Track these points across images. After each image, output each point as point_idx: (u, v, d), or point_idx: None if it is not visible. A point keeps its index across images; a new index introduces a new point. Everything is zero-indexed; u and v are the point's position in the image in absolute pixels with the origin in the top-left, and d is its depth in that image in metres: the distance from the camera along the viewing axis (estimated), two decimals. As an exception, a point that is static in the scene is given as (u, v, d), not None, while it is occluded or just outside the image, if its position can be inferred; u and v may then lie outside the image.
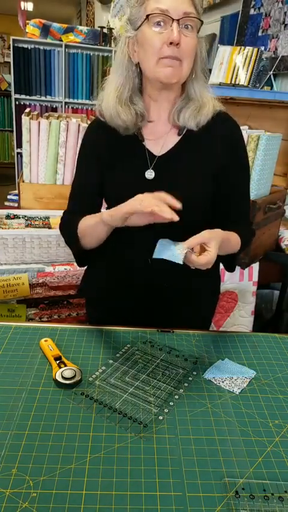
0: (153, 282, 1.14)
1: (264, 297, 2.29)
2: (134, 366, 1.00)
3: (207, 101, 1.07)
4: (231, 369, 1.02)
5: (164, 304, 1.17)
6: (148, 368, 0.99)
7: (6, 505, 0.68)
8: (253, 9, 3.05)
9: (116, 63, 1.07)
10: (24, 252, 1.76)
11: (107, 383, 0.94)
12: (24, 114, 2.07)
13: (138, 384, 0.94)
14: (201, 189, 1.09)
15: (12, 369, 0.97)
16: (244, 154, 1.14)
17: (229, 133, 1.10)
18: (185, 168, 1.08)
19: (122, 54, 1.04)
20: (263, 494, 0.72)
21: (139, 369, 0.99)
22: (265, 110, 2.14)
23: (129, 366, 0.99)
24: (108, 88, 1.08)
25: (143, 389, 0.93)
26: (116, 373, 0.97)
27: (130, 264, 1.15)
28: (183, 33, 0.96)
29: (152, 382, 0.95)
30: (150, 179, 1.08)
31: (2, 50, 8.65)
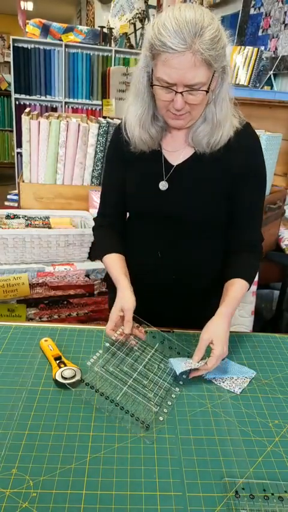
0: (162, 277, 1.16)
1: (264, 297, 2.29)
2: (130, 354, 1.01)
3: (224, 123, 1.04)
4: (231, 369, 1.02)
5: (173, 304, 1.18)
6: (144, 358, 1.01)
7: (6, 505, 0.68)
8: (253, 9, 3.05)
9: (134, 92, 1.05)
10: (24, 252, 1.76)
11: (106, 370, 0.95)
12: (24, 114, 2.07)
13: (136, 376, 0.95)
14: (212, 204, 1.10)
15: (12, 369, 0.97)
16: (259, 170, 1.12)
17: (245, 149, 1.08)
18: (198, 182, 1.09)
19: (139, 85, 1.03)
20: (263, 494, 0.72)
21: (135, 357, 1.01)
22: (265, 109, 2.14)
23: (126, 353, 1.01)
24: (130, 115, 1.08)
25: (141, 383, 0.94)
26: (113, 360, 0.98)
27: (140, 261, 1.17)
28: (189, 94, 0.94)
29: (149, 375, 0.97)
30: (164, 190, 1.10)
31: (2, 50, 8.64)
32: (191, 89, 0.93)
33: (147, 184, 1.11)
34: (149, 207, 1.12)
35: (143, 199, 1.13)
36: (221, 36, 0.92)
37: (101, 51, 4.64)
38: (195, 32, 0.87)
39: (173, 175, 1.10)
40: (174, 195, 1.09)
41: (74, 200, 2.09)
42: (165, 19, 0.90)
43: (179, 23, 0.88)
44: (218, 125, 1.03)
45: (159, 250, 1.15)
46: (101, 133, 2.03)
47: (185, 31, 0.87)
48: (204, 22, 0.89)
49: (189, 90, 0.93)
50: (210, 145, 1.05)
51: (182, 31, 0.87)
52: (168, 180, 1.10)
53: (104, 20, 7.15)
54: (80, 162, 2.06)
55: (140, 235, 1.19)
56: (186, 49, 0.87)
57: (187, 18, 0.88)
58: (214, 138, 1.04)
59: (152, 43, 0.91)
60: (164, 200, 1.10)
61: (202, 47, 0.88)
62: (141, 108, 1.05)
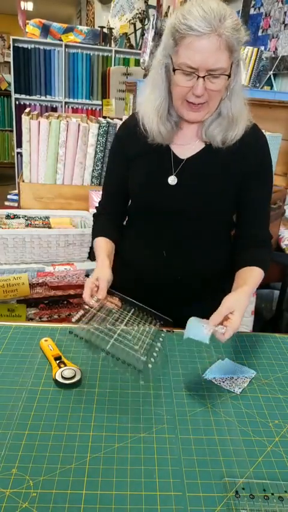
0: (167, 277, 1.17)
1: (264, 297, 2.29)
2: (110, 315, 1.05)
3: (240, 119, 1.06)
4: (231, 368, 1.02)
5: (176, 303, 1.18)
6: (123, 319, 1.06)
7: (6, 505, 0.68)
8: (253, 9, 3.05)
9: (152, 83, 1.07)
10: (24, 252, 1.76)
11: (91, 325, 0.99)
12: (24, 114, 2.07)
13: (119, 332, 1.00)
14: (221, 199, 1.10)
15: (12, 369, 0.97)
16: (267, 169, 1.14)
17: (257, 146, 1.11)
18: (207, 176, 1.10)
19: (157, 76, 1.05)
20: (263, 494, 0.72)
21: (115, 318, 1.05)
22: (265, 110, 2.15)
23: (106, 314, 1.05)
24: (147, 106, 1.09)
25: (126, 338, 0.98)
26: (95, 318, 1.02)
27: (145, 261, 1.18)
28: (210, 82, 0.96)
29: (131, 332, 1.01)
30: (173, 185, 1.10)
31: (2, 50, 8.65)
32: (212, 74, 0.94)
33: (156, 179, 1.12)
34: (158, 202, 1.12)
35: (152, 194, 1.13)
36: (241, 28, 0.96)
37: (101, 51, 4.64)
38: (219, 17, 0.92)
39: (182, 169, 1.10)
40: (183, 189, 1.10)
41: (74, 200, 2.09)
42: (189, 7, 0.94)
43: (204, 10, 0.92)
44: (233, 120, 1.05)
45: (164, 250, 1.15)
46: (101, 133, 2.03)
47: (210, 16, 0.91)
48: (227, 12, 0.94)
49: (211, 75, 0.95)
50: (226, 141, 1.06)
51: (208, 15, 0.91)
52: (177, 175, 1.10)
53: (104, 20, 7.15)
54: (80, 162, 2.06)
55: (145, 235, 1.19)
56: (211, 31, 0.91)
57: (212, 7, 0.92)
58: (230, 133, 1.05)
59: (177, 28, 0.94)
60: (173, 194, 1.10)
61: (226, 30, 0.92)
62: (158, 99, 1.06)
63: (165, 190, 1.11)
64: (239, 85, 1.04)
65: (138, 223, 1.23)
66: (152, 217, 1.16)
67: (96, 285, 1.06)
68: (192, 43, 0.93)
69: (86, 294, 1.04)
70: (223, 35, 0.92)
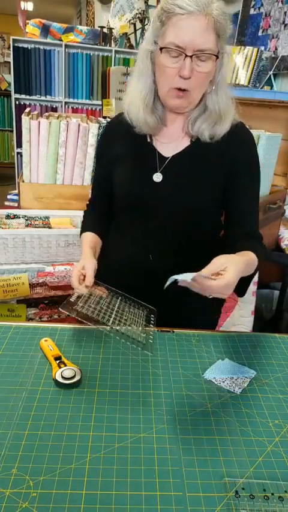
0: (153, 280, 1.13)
1: (264, 297, 2.29)
2: (103, 299, 1.09)
3: (227, 114, 1.06)
4: (231, 369, 1.02)
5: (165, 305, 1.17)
6: (115, 304, 1.09)
7: (6, 505, 0.68)
8: (253, 9, 3.05)
9: (138, 72, 1.07)
10: (24, 252, 1.76)
11: (89, 306, 1.02)
12: (24, 114, 2.07)
13: (115, 313, 1.04)
14: (208, 196, 1.10)
15: (12, 368, 0.97)
16: (254, 164, 1.13)
17: (242, 143, 1.10)
18: (193, 173, 1.09)
19: (143, 65, 1.05)
20: (263, 494, 0.72)
21: (108, 302, 1.09)
22: (265, 109, 2.15)
23: (98, 298, 1.09)
24: (134, 96, 1.09)
25: (122, 318, 1.02)
26: (90, 300, 1.05)
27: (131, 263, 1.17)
28: (196, 64, 0.96)
29: (125, 315, 1.04)
30: (158, 182, 1.10)
31: (2, 50, 8.64)
32: (201, 52, 0.94)
33: (141, 176, 1.12)
34: (143, 199, 1.12)
35: (137, 192, 1.13)
36: (228, 17, 0.96)
37: (101, 51, 4.64)
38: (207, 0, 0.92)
39: (168, 166, 1.10)
40: (169, 186, 1.09)
41: (74, 200, 2.09)
42: None
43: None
44: (220, 115, 1.04)
45: (151, 253, 1.14)
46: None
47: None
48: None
49: (198, 56, 0.94)
50: (213, 136, 1.06)
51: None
52: (162, 172, 1.10)
53: (104, 20, 7.15)
54: (80, 162, 2.06)
55: (131, 236, 1.18)
56: (199, 11, 0.91)
57: None
58: (218, 128, 1.05)
59: (164, 8, 0.94)
60: (158, 191, 1.10)
61: (215, 12, 0.92)
62: (144, 88, 1.06)
63: (150, 187, 1.10)
64: (224, 79, 1.04)
65: (124, 224, 1.22)
66: (138, 217, 1.15)
67: (82, 274, 1.06)
68: (179, 21, 0.92)
69: (75, 282, 1.05)
70: (210, 15, 0.92)
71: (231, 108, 1.06)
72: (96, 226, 1.25)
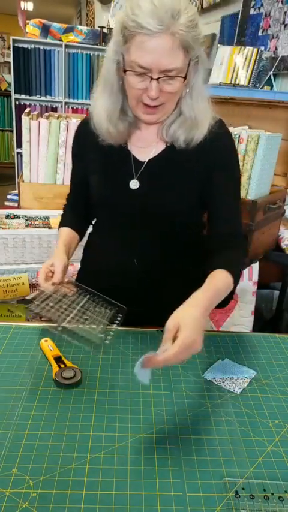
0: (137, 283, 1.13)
1: (264, 297, 2.29)
2: (66, 297, 1.06)
3: (203, 118, 1.00)
4: (231, 369, 1.02)
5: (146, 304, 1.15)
6: (79, 302, 1.06)
7: (6, 505, 0.68)
8: (253, 9, 3.05)
9: (103, 81, 1.00)
10: (24, 252, 1.76)
11: (47, 305, 1.00)
12: (24, 114, 2.07)
13: (76, 312, 1.02)
14: (185, 202, 1.06)
15: (12, 369, 0.97)
16: (232, 166, 1.08)
17: (219, 145, 1.04)
18: (170, 179, 1.05)
19: (108, 74, 0.98)
20: (263, 494, 0.72)
21: (71, 300, 1.05)
22: (265, 110, 2.14)
23: (61, 296, 1.05)
24: (98, 105, 1.03)
25: (82, 317, 1.00)
26: (50, 299, 1.03)
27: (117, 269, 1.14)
28: (165, 82, 0.90)
29: (87, 314, 1.02)
30: (135, 189, 1.06)
31: (2, 50, 8.64)
32: (167, 75, 0.88)
33: (117, 184, 1.07)
34: (121, 208, 1.08)
35: (114, 200, 1.09)
36: (198, 23, 0.88)
37: (101, 51, 4.63)
38: (172, 13, 0.83)
39: (144, 172, 1.05)
40: (146, 192, 1.05)
41: (74, 200, 2.09)
42: (138, 0, 0.85)
43: (154, 3, 0.83)
44: (196, 120, 0.99)
45: (135, 258, 1.11)
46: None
47: (161, 11, 0.82)
48: (181, 5, 0.85)
49: (165, 77, 0.88)
50: (190, 142, 1.01)
51: (159, 11, 0.82)
52: (138, 179, 1.05)
53: (104, 20, 7.15)
54: (80, 162, 2.06)
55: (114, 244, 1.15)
56: (163, 30, 0.83)
57: (164, 1, 0.83)
58: (194, 134, 0.99)
59: (125, 25, 0.86)
60: (136, 199, 1.06)
61: (180, 28, 0.84)
62: (109, 100, 1.00)
63: (127, 195, 1.06)
64: (200, 83, 0.97)
65: (105, 231, 1.19)
66: (118, 224, 1.12)
67: (51, 270, 1.05)
68: (142, 42, 0.85)
69: (41, 278, 1.04)
70: (176, 34, 0.84)
71: (207, 112, 1.01)
72: (74, 224, 1.22)
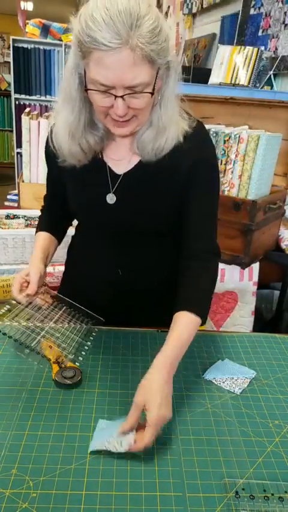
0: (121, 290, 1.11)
1: (264, 297, 2.29)
2: (40, 312, 1.03)
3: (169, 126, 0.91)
4: (231, 369, 1.02)
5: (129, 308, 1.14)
6: (53, 316, 1.03)
7: (6, 505, 0.67)
8: (253, 9, 3.05)
9: (64, 95, 0.90)
10: (24, 252, 1.76)
11: (17, 322, 0.97)
12: (24, 114, 2.07)
13: (48, 329, 0.99)
14: (162, 217, 1.02)
15: (12, 369, 0.97)
16: (209, 181, 1.01)
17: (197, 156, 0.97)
18: (147, 192, 1.00)
19: (69, 87, 0.88)
20: (263, 495, 0.71)
21: (45, 315, 1.03)
22: (265, 109, 2.14)
23: (34, 311, 1.02)
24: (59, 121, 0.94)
25: (54, 335, 0.98)
26: (22, 315, 0.99)
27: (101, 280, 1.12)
28: (132, 98, 0.81)
29: (61, 330, 1.00)
30: (111, 204, 1.01)
31: (2, 50, 8.64)
32: (132, 91, 0.80)
33: (93, 198, 1.02)
34: (99, 222, 1.05)
35: (91, 215, 1.06)
36: (162, 27, 0.78)
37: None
38: (130, 23, 0.73)
39: (121, 185, 1.00)
40: (123, 207, 1.00)
41: (74, 200, 2.09)
42: (93, 9, 0.75)
43: (110, 13, 0.73)
44: (163, 129, 0.91)
45: (119, 268, 1.08)
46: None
47: (118, 23, 0.73)
48: (141, 11, 0.75)
49: (131, 93, 0.80)
50: (155, 152, 0.93)
51: (115, 23, 0.73)
52: (115, 192, 1.00)
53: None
54: (80, 162, 2.06)
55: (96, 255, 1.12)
56: (122, 45, 0.74)
57: (119, 7, 0.73)
58: (158, 143, 0.92)
59: (81, 39, 0.77)
60: (113, 214, 1.01)
61: (141, 40, 0.74)
62: (71, 115, 0.90)
63: (104, 210, 1.01)
64: (171, 88, 0.88)
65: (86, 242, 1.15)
66: (98, 236, 1.09)
67: (26, 280, 1.03)
68: (101, 58, 0.76)
69: (15, 289, 1.01)
70: (137, 47, 0.74)
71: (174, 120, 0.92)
72: (52, 227, 1.19)
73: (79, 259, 1.20)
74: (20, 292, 1.01)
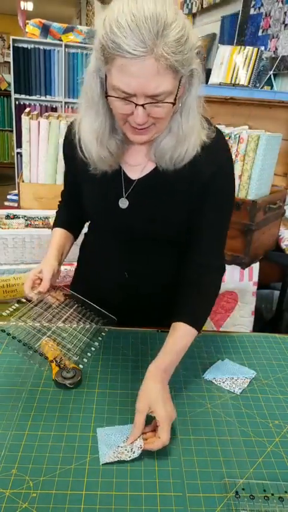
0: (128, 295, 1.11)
1: (264, 297, 2.29)
2: (49, 310, 1.01)
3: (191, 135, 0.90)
4: (231, 369, 1.02)
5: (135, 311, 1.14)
6: (62, 316, 1.01)
7: (6, 505, 0.67)
8: (253, 9, 3.05)
9: (86, 101, 0.89)
10: (24, 252, 1.76)
11: (23, 321, 0.95)
12: (24, 114, 2.07)
13: (55, 329, 0.96)
14: (174, 223, 1.01)
15: (12, 369, 0.97)
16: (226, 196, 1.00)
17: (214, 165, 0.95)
18: (160, 199, 0.99)
19: (92, 92, 0.86)
20: (263, 495, 0.71)
21: (54, 314, 1.01)
22: (265, 109, 2.14)
23: (44, 309, 1.00)
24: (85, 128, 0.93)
25: (60, 335, 0.96)
26: (30, 313, 0.97)
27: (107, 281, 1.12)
28: (153, 107, 0.80)
29: (68, 330, 0.98)
30: (124, 208, 1.00)
31: (2, 50, 8.64)
32: (154, 100, 0.78)
33: (107, 202, 1.02)
34: (110, 225, 1.05)
35: (103, 218, 1.05)
36: (188, 36, 0.76)
37: (101, 51, 4.63)
38: (157, 30, 0.71)
39: (134, 191, 0.99)
40: (135, 213, 1.00)
41: (74, 200, 2.09)
42: (118, 14, 0.72)
43: (136, 20, 0.71)
44: (183, 138, 0.89)
45: (125, 271, 1.09)
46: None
47: (144, 30, 0.71)
48: (168, 18, 0.72)
49: (152, 102, 0.78)
50: (174, 161, 0.92)
51: (141, 30, 0.71)
52: (128, 197, 1.00)
53: (104, 20, 7.13)
54: (80, 162, 2.06)
55: (104, 257, 1.13)
56: (146, 53, 0.71)
57: (146, 13, 0.71)
58: (178, 152, 0.90)
59: (104, 44, 0.75)
60: (125, 218, 1.01)
61: (166, 50, 0.72)
62: (96, 121, 0.89)
63: (116, 214, 1.01)
64: (193, 97, 0.86)
65: (95, 243, 1.16)
66: (107, 237, 1.10)
67: (39, 278, 1.02)
68: (124, 66, 0.74)
69: (27, 286, 1.01)
70: (162, 57, 0.72)
71: (196, 129, 0.90)
72: (68, 223, 1.19)
73: (90, 258, 1.20)
74: (32, 289, 1.01)
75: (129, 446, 0.77)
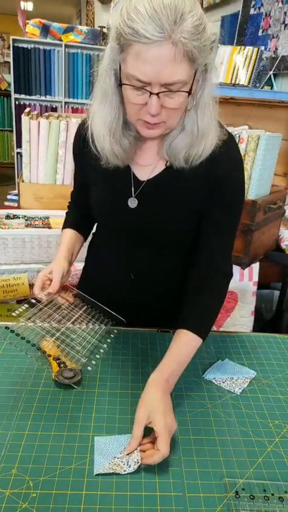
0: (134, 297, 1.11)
1: (264, 297, 2.29)
2: (58, 311, 1.01)
3: (207, 133, 0.89)
4: (231, 369, 1.02)
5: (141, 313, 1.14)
6: (72, 317, 1.01)
7: (6, 505, 0.67)
8: (253, 9, 3.05)
9: (101, 94, 0.90)
10: (24, 252, 1.76)
11: (32, 322, 0.95)
12: (24, 114, 2.07)
13: (64, 330, 0.96)
14: (184, 225, 1.01)
15: (12, 369, 0.97)
16: (236, 200, 0.99)
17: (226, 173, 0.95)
18: (169, 199, 0.98)
19: (106, 85, 0.87)
20: (263, 495, 0.71)
21: (63, 315, 1.00)
22: (265, 109, 2.14)
23: (53, 310, 1.00)
24: (97, 123, 0.93)
25: (69, 337, 0.95)
26: (40, 314, 0.97)
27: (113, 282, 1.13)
28: (167, 97, 0.79)
29: (77, 331, 0.98)
30: (133, 208, 1.00)
31: (2, 50, 8.64)
32: (168, 89, 0.78)
33: (116, 201, 1.02)
34: (119, 225, 1.05)
35: (112, 217, 1.05)
36: (205, 26, 0.76)
37: (101, 51, 4.62)
38: (175, 17, 0.71)
39: (143, 191, 0.99)
40: (144, 212, 1.00)
41: (74, 200, 2.09)
42: (136, 2, 0.73)
43: (154, 6, 0.71)
44: (200, 135, 0.88)
45: (132, 272, 1.08)
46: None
47: (162, 16, 0.71)
48: (186, 7, 0.73)
49: (166, 91, 0.78)
50: (190, 160, 0.91)
51: (159, 16, 0.71)
52: (137, 197, 0.99)
53: (104, 20, 7.14)
54: (80, 162, 2.06)
55: (110, 258, 1.13)
56: (164, 38, 0.72)
57: (165, 1, 0.72)
58: (195, 150, 0.89)
59: (121, 31, 0.75)
60: (134, 218, 1.01)
61: (184, 35, 0.72)
62: (109, 114, 0.89)
63: (125, 213, 1.00)
64: (208, 93, 0.85)
65: (102, 243, 1.17)
66: (115, 237, 1.09)
67: (49, 278, 1.02)
68: (141, 52, 0.74)
69: (36, 287, 1.01)
70: (179, 42, 0.72)
71: (212, 127, 0.90)
72: (78, 223, 1.19)
73: (97, 257, 1.20)
74: (41, 290, 1.01)
75: (126, 459, 0.75)
